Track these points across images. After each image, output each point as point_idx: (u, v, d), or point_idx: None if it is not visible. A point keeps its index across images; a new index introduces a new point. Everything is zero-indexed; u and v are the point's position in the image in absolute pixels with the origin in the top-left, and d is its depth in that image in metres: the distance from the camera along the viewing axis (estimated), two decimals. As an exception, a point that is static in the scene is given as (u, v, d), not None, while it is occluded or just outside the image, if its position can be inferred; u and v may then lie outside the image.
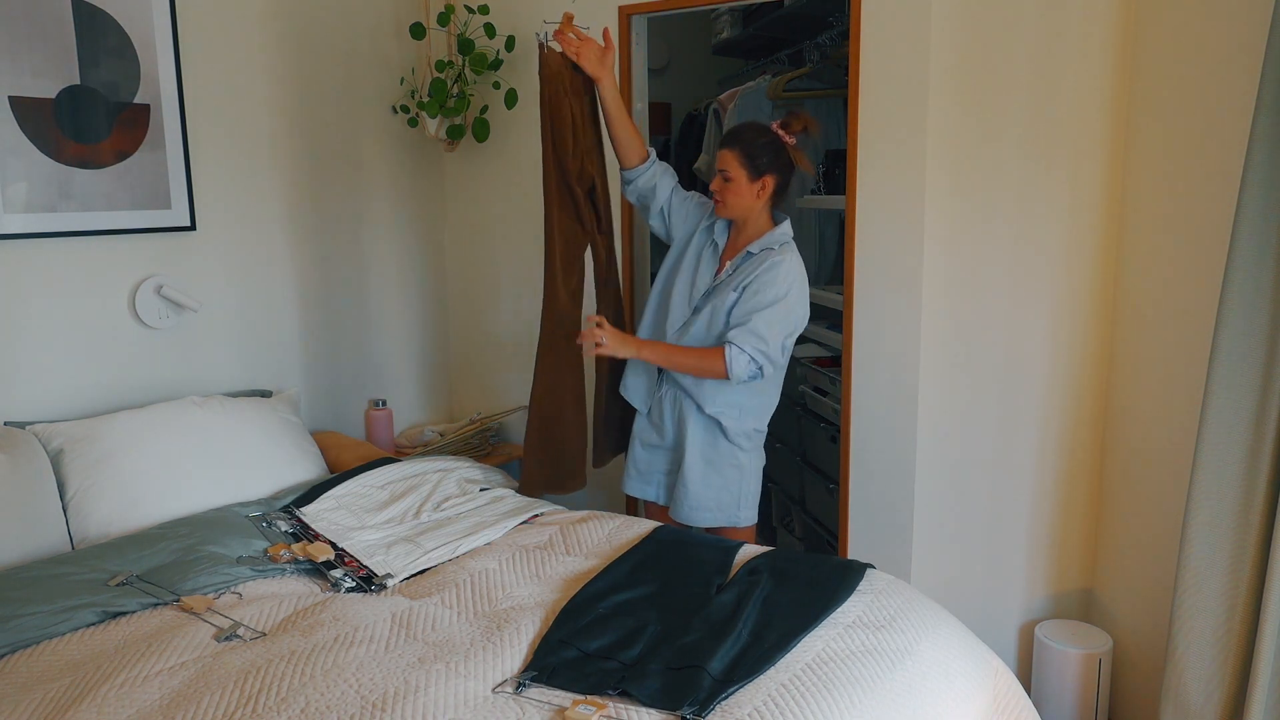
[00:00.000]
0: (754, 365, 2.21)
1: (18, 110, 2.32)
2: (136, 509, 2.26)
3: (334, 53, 3.01)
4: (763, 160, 2.27)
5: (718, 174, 2.31)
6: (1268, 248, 1.82)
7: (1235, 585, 1.93)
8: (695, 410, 2.35)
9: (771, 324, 2.21)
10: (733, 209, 2.32)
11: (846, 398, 2.61)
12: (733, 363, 2.19)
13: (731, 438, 2.34)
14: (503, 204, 3.27)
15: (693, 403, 2.34)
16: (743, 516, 2.39)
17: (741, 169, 2.27)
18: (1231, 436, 1.91)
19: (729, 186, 2.30)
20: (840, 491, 2.67)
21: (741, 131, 2.32)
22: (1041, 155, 2.39)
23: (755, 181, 2.28)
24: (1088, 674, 2.42)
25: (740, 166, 2.27)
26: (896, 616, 1.80)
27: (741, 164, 2.27)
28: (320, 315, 3.08)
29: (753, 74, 3.97)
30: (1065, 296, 2.46)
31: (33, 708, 1.51)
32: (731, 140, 2.31)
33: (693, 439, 2.35)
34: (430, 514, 2.33)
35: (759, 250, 2.30)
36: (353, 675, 1.57)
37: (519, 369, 3.35)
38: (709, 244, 2.41)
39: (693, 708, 1.47)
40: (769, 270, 2.24)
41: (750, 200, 2.30)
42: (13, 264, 2.37)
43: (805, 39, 3.52)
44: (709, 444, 2.36)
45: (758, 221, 2.34)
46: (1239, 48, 2.01)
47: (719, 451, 2.36)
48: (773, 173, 2.29)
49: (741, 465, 2.37)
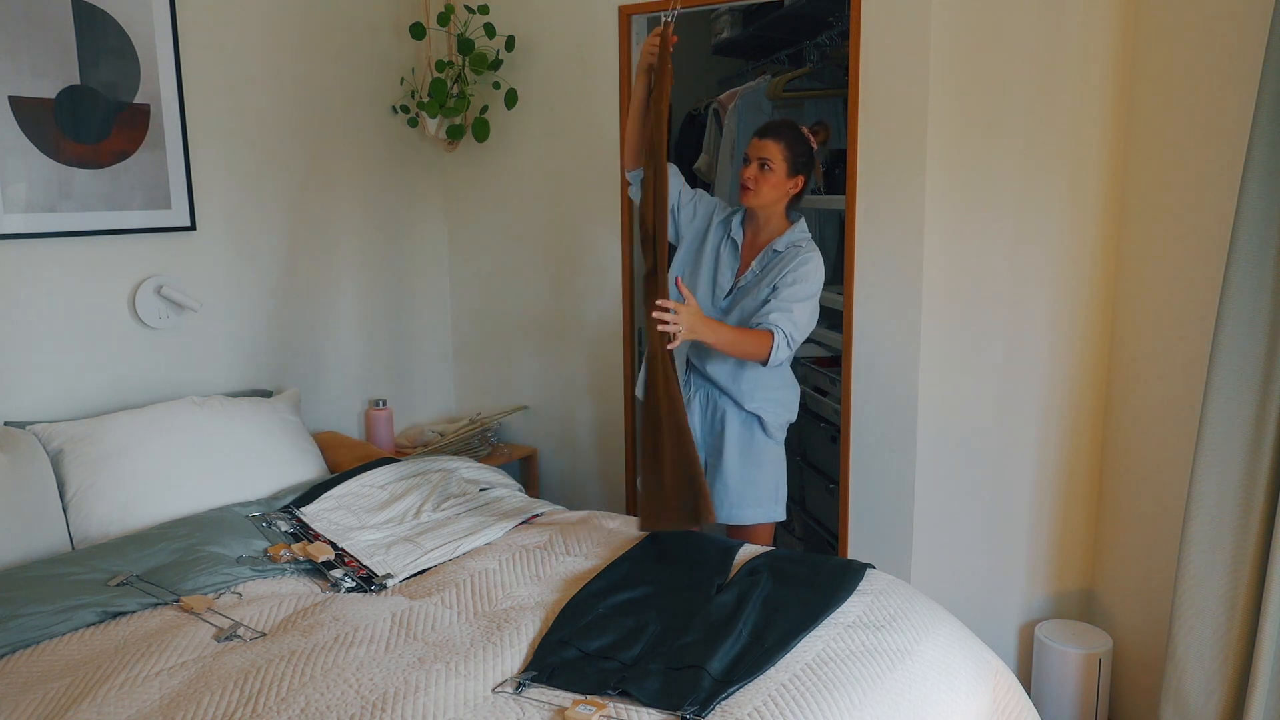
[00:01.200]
0: (786, 349, 2.23)
1: (18, 110, 2.32)
2: (136, 509, 2.26)
3: (334, 53, 3.01)
4: (801, 159, 2.33)
5: (754, 162, 2.31)
6: (1268, 247, 1.82)
7: (1235, 585, 1.93)
8: (733, 407, 2.36)
9: (805, 313, 2.26)
10: (764, 199, 2.33)
11: (846, 398, 2.61)
12: (778, 348, 2.20)
13: (770, 432, 2.37)
14: (503, 204, 3.27)
15: (730, 400, 2.36)
16: (778, 510, 2.42)
17: (784, 162, 2.31)
18: (1231, 436, 1.91)
19: (767, 176, 2.31)
20: (840, 491, 2.67)
21: (784, 127, 2.35)
22: (1041, 155, 2.39)
23: (791, 178, 2.33)
24: (1088, 674, 2.42)
25: (783, 160, 2.30)
26: (896, 616, 1.80)
27: (785, 157, 2.30)
28: (320, 315, 3.08)
29: (753, 74, 3.97)
30: (1065, 296, 2.46)
31: (33, 708, 1.51)
32: (776, 132, 2.33)
33: (731, 437, 2.37)
34: (430, 514, 2.33)
35: (785, 248, 2.33)
36: (353, 675, 1.57)
37: (519, 369, 3.35)
38: (726, 240, 2.42)
39: (693, 708, 1.47)
40: (802, 264, 2.28)
41: (781, 194, 2.33)
42: (13, 264, 2.37)
43: (805, 39, 3.52)
44: (746, 440, 2.38)
45: (777, 219, 2.37)
46: (1239, 47, 2.01)
47: (756, 447, 2.38)
48: (804, 173, 2.35)
49: (776, 459, 2.41)
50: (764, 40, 3.85)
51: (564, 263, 3.15)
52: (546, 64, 3.06)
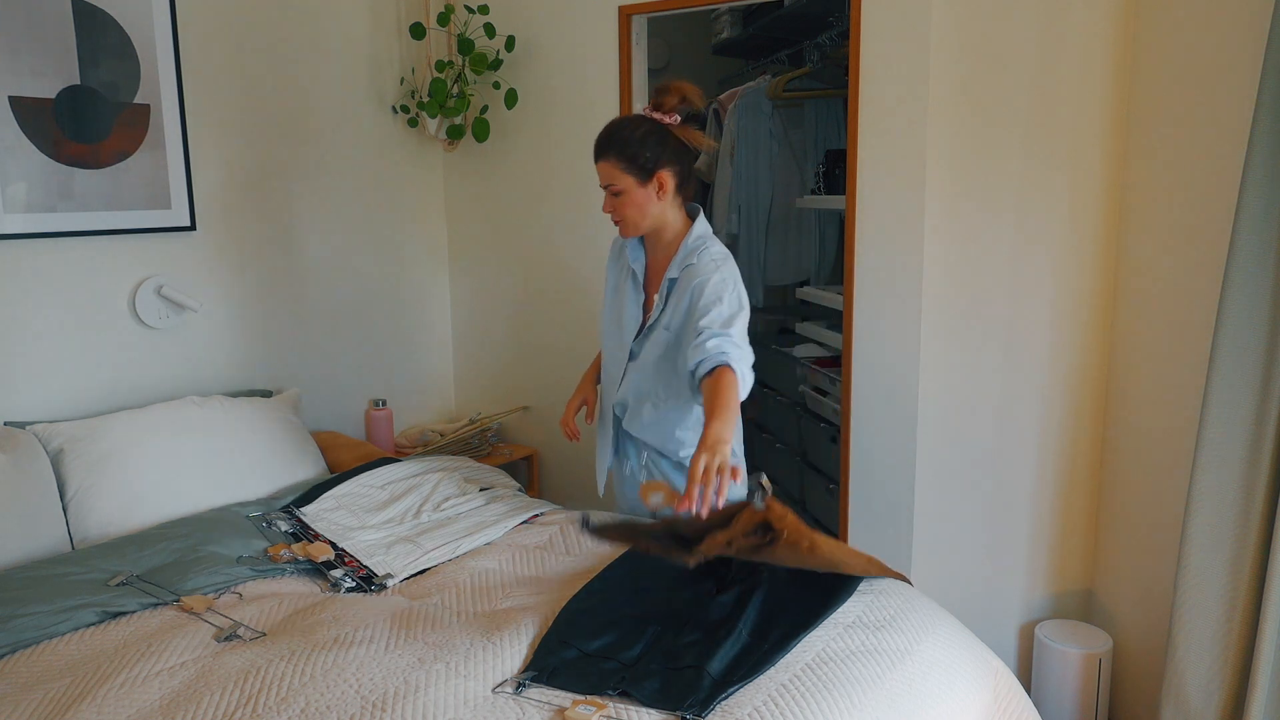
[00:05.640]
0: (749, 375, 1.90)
1: (18, 110, 2.32)
2: (136, 509, 2.26)
3: (334, 53, 3.01)
4: (645, 157, 1.94)
5: (605, 191, 2.00)
6: (1268, 247, 1.82)
7: (1235, 585, 1.93)
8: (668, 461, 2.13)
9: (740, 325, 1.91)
10: (636, 225, 2.01)
11: (846, 398, 2.61)
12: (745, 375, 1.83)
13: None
14: (502, 204, 3.27)
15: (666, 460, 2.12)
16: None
17: (626, 175, 1.95)
18: (1231, 436, 1.91)
19: (621, 201, 1.98)
20: (840, 491, 2.67)
21: (612, 133, 1.98)
22: (1042, 155, 2.39)
23: (648, 183, 1.96)
24: (1088, 674, 2.42)
25: (624, 174, 1.95)
26: (896, 616, 1.80)
27: (625, 170, 1.95)
28: (320, 315, 3.08)
29: (753, 74, 3.97)
30: (1065, 296, 2.46)
31: (33, 708, 1.51)
32: (603, 147, 1.97)
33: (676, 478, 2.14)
34: (430, 514, 2.33)
35: (680, 271, 2.00)
36: (353, 675, 1.57)
37: (519, 369, 3.35)
38: (626, 275, 2.12)
39: (693, 708, 1.47)
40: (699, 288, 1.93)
41: (651, 207, 1.99)
42: (13, 264, 2.37)
43: (805, 39, 3.53)
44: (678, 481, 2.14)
45: (671, 225, 2.04)
46: (1240, 45, 2.01)
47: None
48: (665, 165, 1.96)
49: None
50: (764, 40, 3.86)
51: (564, 262, 3.15)
52: (546, 64, 3.06)
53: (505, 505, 2.41)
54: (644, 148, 1.94)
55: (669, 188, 1.98)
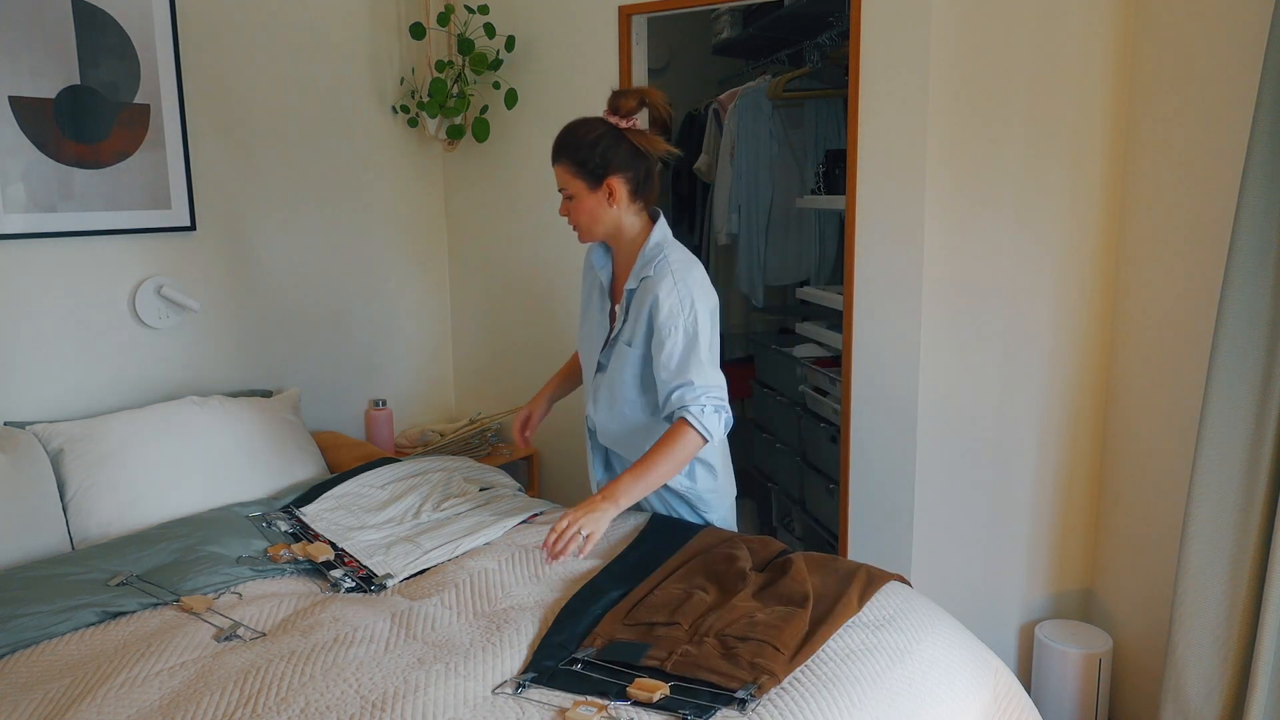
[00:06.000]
0: (722, 411, 1.88)
1: (18, 110, 2.32)
2: (136, 509, 2.26)
3: (334, 53, 3.01)
4: (595, 162, 1.91)
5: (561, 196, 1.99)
6: (1269, 246, 1.82)
7: (1235, 585, 1.93)
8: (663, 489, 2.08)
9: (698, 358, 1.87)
10: (590, 230, 1.99)
11: (846, 398, 2.61)
12: (705, 429, 1.83)
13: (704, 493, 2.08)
14: (503, 204, 3.27)
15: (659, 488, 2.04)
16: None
17: (577, 180, 1.93)
18: (1231, 436, 1.91)
19: (573, 206, 1.96)
20: (840, 491, 2.67)
21: (565, 137, 1.95)
22: (1042, 155, 2.39)
23: (598, 189, 1.93)
24: (1088, 674, 2.42)
25: (574, 178, 1.93)
26: (896, 616, 1.80)
27: (575, 174, 1.92)
28: (320, 315, 3.08)
29: (753, 74, 3.97)
30: (1065, 298, 2.46)
31: (33, 708, 1.51)
32: (557, 150, 1.94)
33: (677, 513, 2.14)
34: (430, 514, 2.33)
35: (637, 284, 1.96)
36: (353, 675, 1.57)
37: (519, 369, 3.35)
38: (594, 284, 2.10)
39: (693, 709, 1.47)
40: (654, 305, 1.90)
41: (602, 213, 1.96)
42: (13, 264, 2.37)
43: (805, 39, 3.53)
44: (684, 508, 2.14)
45: (629, 232, 1.99)
46: (1240, 44, 2.01)
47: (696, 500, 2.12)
48: (616, 171, 1.92)
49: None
50: (764, 40, 3.86)
51: (563, 262, 3.15)
52: (546, 64, 3.06)
53: (505, 505, 2.41)
54: (594, 152, 1.91)
55: (619, 194, 1.94)
